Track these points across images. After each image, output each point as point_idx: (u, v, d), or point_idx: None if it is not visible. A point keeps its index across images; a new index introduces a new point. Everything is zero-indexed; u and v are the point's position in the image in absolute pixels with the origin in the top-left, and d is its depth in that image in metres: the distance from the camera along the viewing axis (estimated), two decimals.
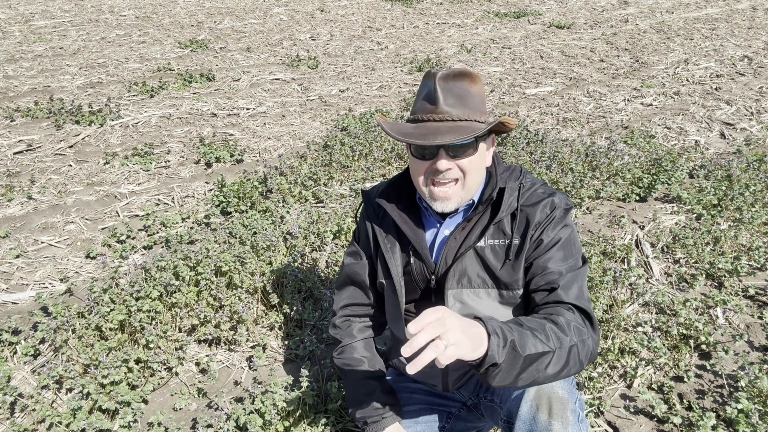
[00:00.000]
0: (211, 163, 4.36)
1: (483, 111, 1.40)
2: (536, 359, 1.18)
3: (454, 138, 1.31)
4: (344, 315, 1.75)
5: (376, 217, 1.62)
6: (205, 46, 7.90)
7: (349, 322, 1.75)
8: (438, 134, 1.32)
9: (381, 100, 5.74)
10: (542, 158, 3.89)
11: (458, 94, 1.36)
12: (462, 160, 1.38)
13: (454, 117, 1.35)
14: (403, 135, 1.36)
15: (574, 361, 1.26)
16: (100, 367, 2.16)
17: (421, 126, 1.37)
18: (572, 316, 1.33)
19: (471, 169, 1.40)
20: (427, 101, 1.38)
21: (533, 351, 1.17)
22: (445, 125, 1.34)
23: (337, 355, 1.75)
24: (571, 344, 1.25)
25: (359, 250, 1.69)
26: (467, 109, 1.36)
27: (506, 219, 1.47)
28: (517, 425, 1.34)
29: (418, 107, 1.41)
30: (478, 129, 1.33)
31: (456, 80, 1.37)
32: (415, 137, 1.34)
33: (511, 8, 10.42)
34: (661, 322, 2.45)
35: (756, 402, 1.99)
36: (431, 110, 1.36)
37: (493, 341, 1.10)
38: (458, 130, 1.33)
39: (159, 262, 2.63)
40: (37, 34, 8.63)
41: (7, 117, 5.22)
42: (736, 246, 3.05)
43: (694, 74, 6.37)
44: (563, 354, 1.23)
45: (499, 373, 1.14)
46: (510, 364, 1.14)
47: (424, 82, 1.41)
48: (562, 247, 1.44)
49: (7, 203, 3.80)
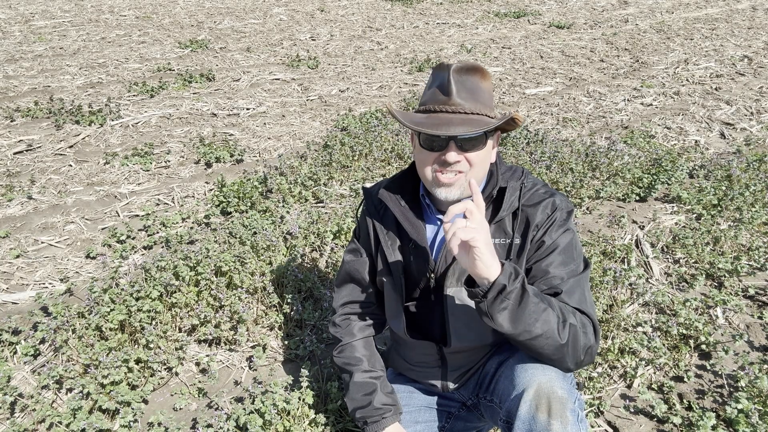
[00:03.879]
0: (211, 163, 4.36)
1: (492, 107, 1.41)
2: (541, 311, 1.26)
3: (466, 130, 1.31)
4: (344, 313, 1.75)
5: (377, 213, 1.62)
6: (205, 46, 7.90)
7: (349, 320, 1.75)
8: (450, 125, 1.32)
9: (381, 100, 5.74)
10: (542, 158, 3.88)
11: (470, 87, 1.37)
12: (470, 154, 1.38)
13: (466, 110, 1.35)
14: (415, 124, 1.36)
15: (573, 344, 1.31)
16: (100, 367, 2.16)
17: (433, 116, 1.37)
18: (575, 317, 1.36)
19: (477, 162, 1.41)
20: (440, 92, 1.38)
21: (537, 301, 1.26)
22: (457, 117, 1.35)
23: (337, 354, 1.75)
24: (572, 323, 1.31)
25: (359, 248, 1.69)
26: (478, 104, 1.37)
27: (507, 218, 1.47)
28: (516, 425, 1.34)
29: (428, 98, 1.41)
30: (490, 123, 1.34)
31: (469, 74, 1.37)
32: (426, 127, 1.34)
33: (511, 8, 10.42)
34: (661, 322, 2.45)
35: (756, 402, 1.99)
36: (444, 101, 1.36)
37: (506, 267, 1.23)
38: (470, 122, 1.33)
39: (159, 262, 2.63)
40: (37, 34, 8.63)
41: (7, 117, 5.22)
42: (736, 246, 3.05)
43: (694, 74, 6.37)
44: (565, 327, 1.30)
45: (506, 309, 1.22)
46: (516, 300, 1.22)
47: (437, 73, 1.40)
48: (564, 251, 1.43)
49: (7, 203, 3.80)
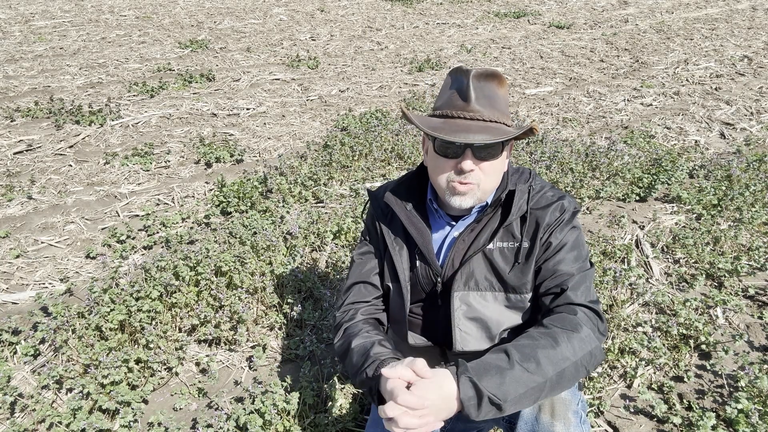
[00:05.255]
0: (211, 163, 4.36)
1: (508, 114, 1.38)
2: (527, 395, 1.18)
3: (485, 138, 1.27)
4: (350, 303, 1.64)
5: (384, 217, 1.58)
6: (205, 46, 7.90)
7: (354, 309, 1.63)
8: (469, 132, 1.28)
9: (381, 100, 5.74)
10: (542, 158, 3.88)
11: (488, 94, 1.33)
12: (485, 163, 1.35)
13: (485, 117, 1.31)
14: (432, 128, 1.32)
15: (575, 375, 1.25)
16: (100, 367, 2.16)
17: (451, 122, 1.32)
18: (579, 319, 1.31)
19: (491, 172, 1.37)
20: (458, 97, 1.33)
21: (517, 393, 1.16)
22: (476, 124, 1.30)
23: (336, 339, 1.59)
24: (568, 364, 1.23)
25: (371, 249, 1.64)
26: (496, 111, 1.33)
27: (515, 222, 1.45)
28: (519, 426, 1.34)
29: (445, 102, 1.36)
30: (508, 132, 1.30)
31: (487, 80, 1.33)
32: (445, 132, 1.29)
33: (511, 8, 10.42)
34: (661, 322, 2.45)
35: (756, 402, 1.99)
36: (462, 107, 1.32)
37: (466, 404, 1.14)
38: (489, 130, 1.29)
39: (159, 262, 2.63)
40: (37, 34, 8.63)
41: (7, 117, 5.22)
42: (736, 246, 3.05)
43: (694, 74, 6.37)
44: (566, 375, 1.23)
45: (486, 416, 1.15)
46: (496, 411, 1.15)
47: (455, 77, 1.37)
48: (572, 249, 1.42)
49: (7, 203, 3.80)
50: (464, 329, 1.49)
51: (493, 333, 1.49)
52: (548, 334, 1.27)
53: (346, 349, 1.46)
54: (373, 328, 1.50)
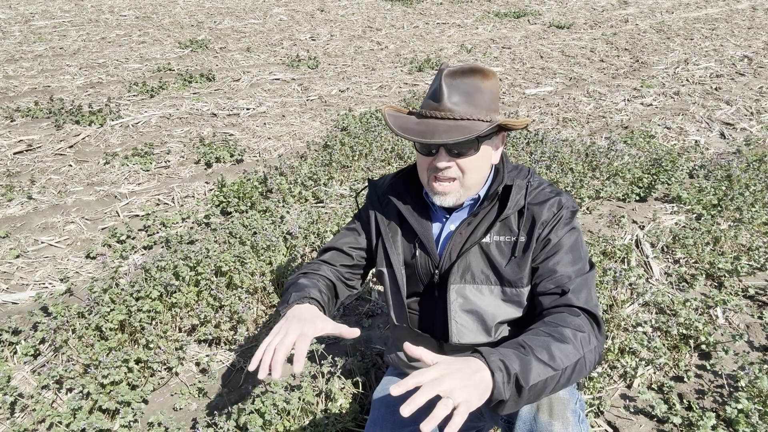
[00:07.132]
0: (211, 163, 4.36)
1: (492, 109, 1.38)
2: (543, 386, 1.17)
3: (449, 138, 1.30)
4: (319, 260, 1.68)
5: (380, 205, 1.62)
6: (205, 46, 7.90)
7: (318, 264, 1.66)
8: (436, 132, 1.32)
9: (381, 100, 5.74)
10: (542, 158, 3.88)
11: (466, 91, 1.34)
12: (462, 160, 1.38)
13: (455, 116, 1.33)
14: (404, 130, 1.36)
15: (579, 373, 1.25)
16: (100, 367, 2.16)
17: (423, 122, 1.37)
18: (581, 321, 1.31)
19: (470, 168, 1.40)
20: (431, 97, 1.38)
21: (537, 380, 1.15)
22: (444, 123, 1.33)
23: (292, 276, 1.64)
24: (578, 358, 1.23)
25: (358, 227, 1.68)
26: (473, 108, 1.34)
27: (513, 216, 1.47)
28: (517, 425, 1.34)
29: (424, 101, 1.41)
30: (478, 129, 1.32)
31: (465, 76, 1.35)
32: (414, 134, 1.34)
33: (511, 8, 10.42)
34: (661, 322, 2.45)
35: (756, 402, 1.99)
36: (434, 107, 1.36)
37: (497, 379, 1.08)
38: (457, 129, 1.32)
39: (159, 262, 2.63)
40: (37, 34, 8.63)
41: (7, 117, 5.22)
42: (736, 246, 3.05)
43: (694, 74, 6.37)
44: (568, 372, 1.22)
45: (506, 406, 1.13)
46: (516, 396, 1.13)
47: (436, 76, 1.40)
48: (570, 250, 1.42)
49: (7, 203, 3.80)
50: (460, 321, 1.51)
51: (489, 326, 1.50)
52: (555, 330, 1.27)
53: (293, 281, 1.56)
54: (324, 285, 1.57)
